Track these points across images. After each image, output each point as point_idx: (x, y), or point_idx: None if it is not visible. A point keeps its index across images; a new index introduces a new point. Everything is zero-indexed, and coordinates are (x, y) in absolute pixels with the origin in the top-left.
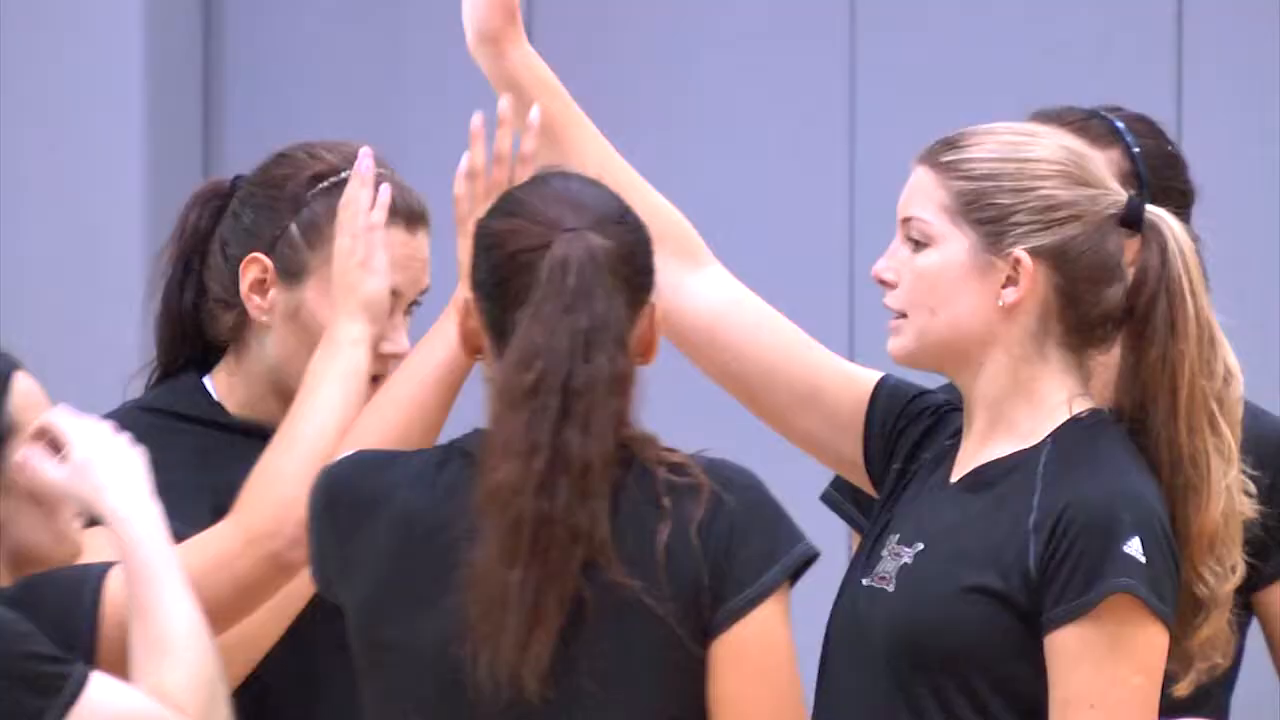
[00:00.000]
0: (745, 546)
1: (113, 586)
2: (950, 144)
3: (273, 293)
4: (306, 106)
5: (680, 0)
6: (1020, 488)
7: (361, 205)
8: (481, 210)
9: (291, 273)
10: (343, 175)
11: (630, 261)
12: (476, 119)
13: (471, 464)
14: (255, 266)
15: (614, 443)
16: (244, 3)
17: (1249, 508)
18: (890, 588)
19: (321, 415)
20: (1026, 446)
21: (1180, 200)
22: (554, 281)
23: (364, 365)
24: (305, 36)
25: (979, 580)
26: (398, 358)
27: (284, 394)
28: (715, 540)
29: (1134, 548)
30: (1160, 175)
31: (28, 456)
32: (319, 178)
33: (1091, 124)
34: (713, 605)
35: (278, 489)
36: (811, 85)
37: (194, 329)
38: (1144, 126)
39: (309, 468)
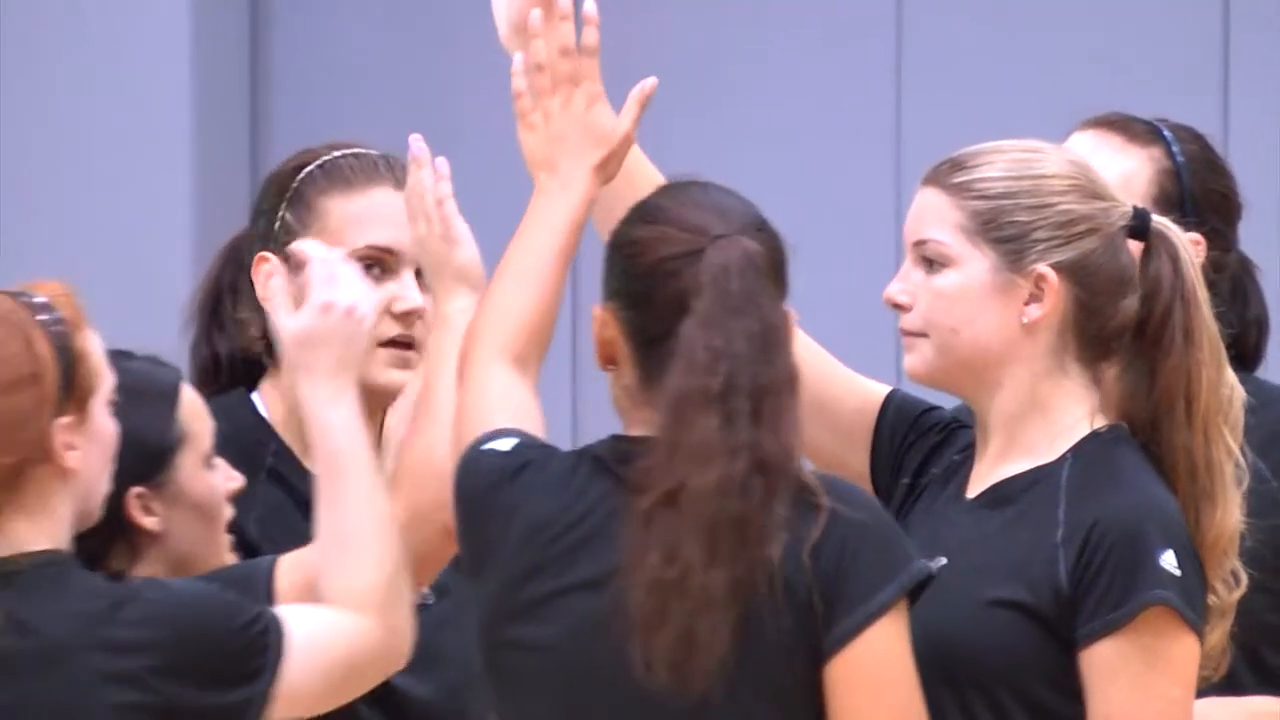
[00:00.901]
0: (856, 567)
1: (282, 576)
2: (958, 165)
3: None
4: (354, 109)
5: (724, 6)
6: (1043, 502)
7: (425, 186)
8: (544, 104)
9: (293, 260)
10: (329, 157)
11: (776, 267)
12: (534, 14)
13: (601, 469)
14: (264, 266)
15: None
16: (290, 5)
17: (1240, 519)
18: None
19: (450, 391)
20: (1045, 462)
21: (1221, 206)
22: (719, 286)
23: None
24: (352, 38)
25: (1006, 594)
26: (411, 314)
27: None
28: (826, 561)
29: (1168, 561)
30: (1200, 177)
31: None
32: (304, 165)
33: (1133, 124)
34: (825, 627)
35: (435, 463)
36: (857, 102)
37: (228, 371)
38: (1187, 134)
39: None
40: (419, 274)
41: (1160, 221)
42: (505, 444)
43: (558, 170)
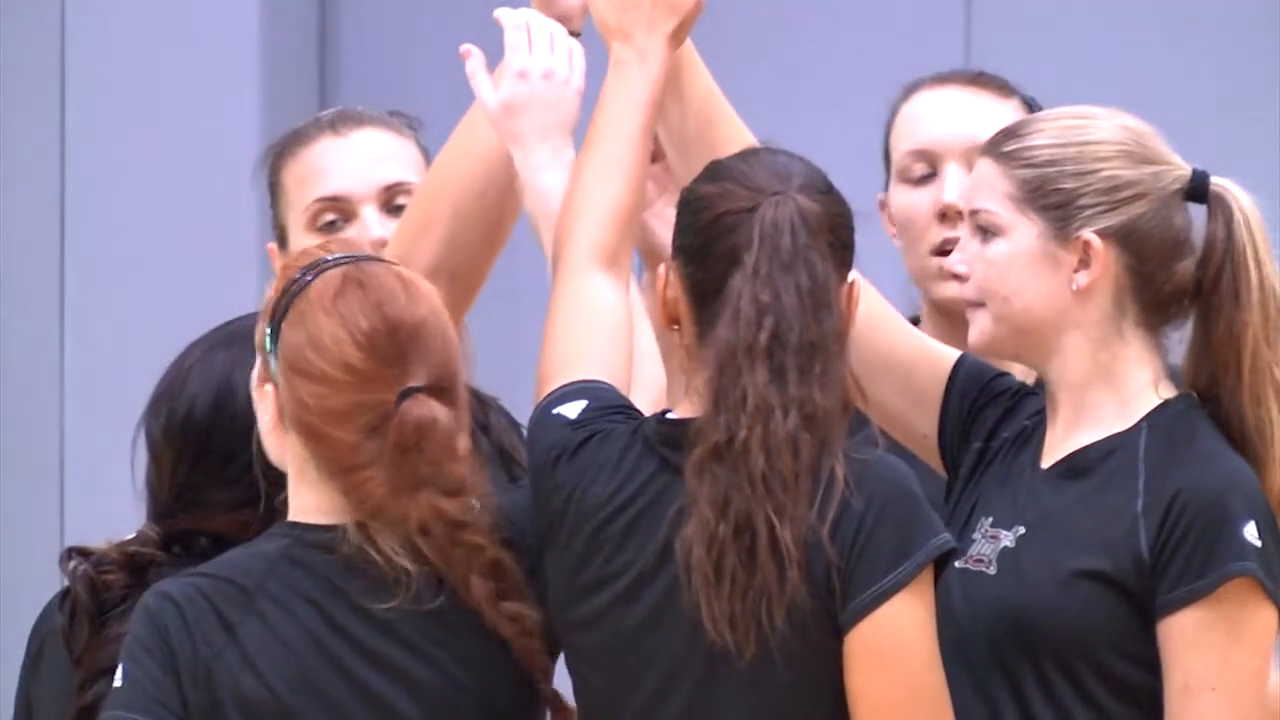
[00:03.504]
0: (871, 545)
1: None
2: (1011, 134)
3: None
4: (422, 74)
5: None
6: (1121, 473)
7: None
8: None
9: (282, 238)
10: (293, 130)
11: (835, 230)
12: None
13: (649, 449)
14: (272, 256)
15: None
16: None
17: None
18: (991, 570)
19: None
20: (1118, 431)
21: None
22: (769, 241)
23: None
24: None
25: (1089, 564)
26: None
27: None
28: (843, 537)
29: (1250, 532)
30: None
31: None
32: (273, 145)
33: (990, 77)
34: (841, 604)
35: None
36: (927, 56)
37: None
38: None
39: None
40: (398, 207)
41: (1219, 183)
42: (573, 409)
43: (633, 40)
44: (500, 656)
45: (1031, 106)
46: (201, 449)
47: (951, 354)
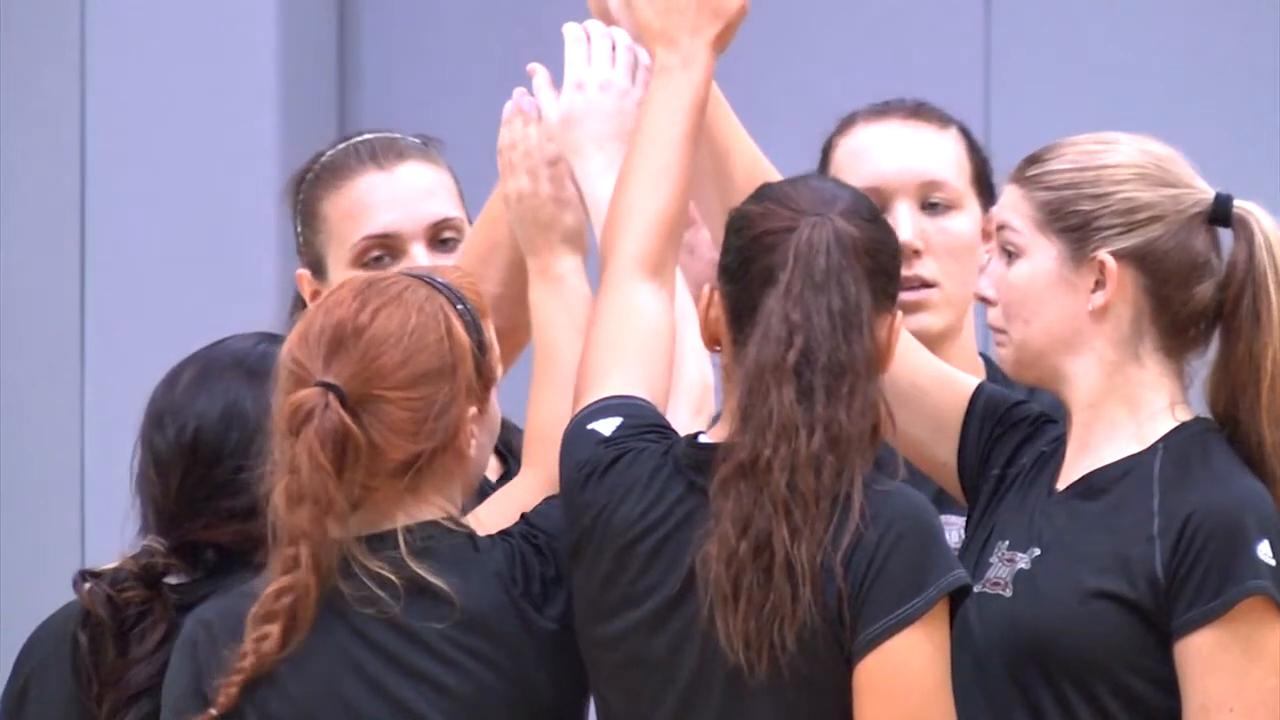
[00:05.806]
0: (883, 578)
1: None
2: (1034, 159)
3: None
4: (441, 73)
5: None
6: (1136, 493)
7: (531, 144)
8: None
9: (318, 268)
10: (319, 159)
11: (875, 256)
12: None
13: (678, 471)
14: (301, 283)
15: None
16: None
17: None
18: (1008, 593)
19: (572, 351)
20: (1134, 452)
21: (990, 178)
22: (804, 261)
23: (588, 292)
24: (440, 7)
25: (1104, 585)
26: None
27: None
28: (854, 571)
29: (1264, 551)
30: (981, 152)
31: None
32: (304, 170)
33: (929, 108)
34: (851, 634)
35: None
36: (945, 78)
37: None
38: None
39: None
40: (443, 242)
41: (1242, 206)
42: (608, 425)
43: (678, 45)
44: (539, 656)
45: (968, 134)
46: (212, 462)
47: (971, 381)
